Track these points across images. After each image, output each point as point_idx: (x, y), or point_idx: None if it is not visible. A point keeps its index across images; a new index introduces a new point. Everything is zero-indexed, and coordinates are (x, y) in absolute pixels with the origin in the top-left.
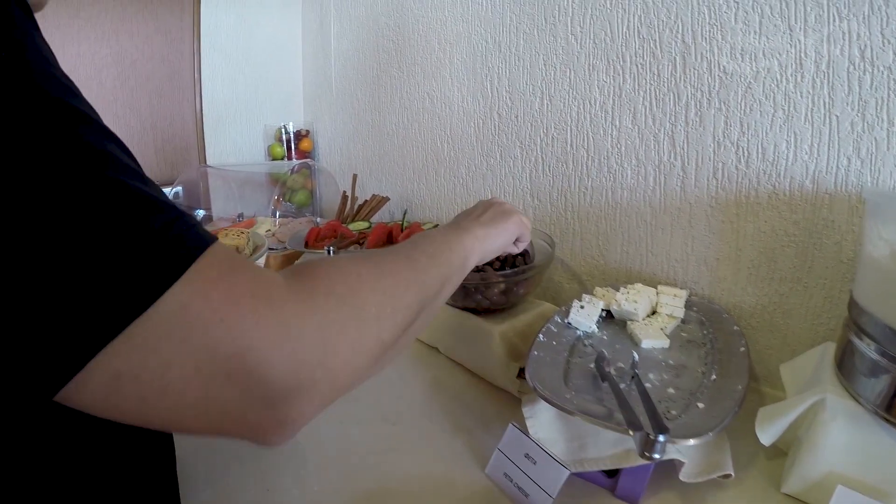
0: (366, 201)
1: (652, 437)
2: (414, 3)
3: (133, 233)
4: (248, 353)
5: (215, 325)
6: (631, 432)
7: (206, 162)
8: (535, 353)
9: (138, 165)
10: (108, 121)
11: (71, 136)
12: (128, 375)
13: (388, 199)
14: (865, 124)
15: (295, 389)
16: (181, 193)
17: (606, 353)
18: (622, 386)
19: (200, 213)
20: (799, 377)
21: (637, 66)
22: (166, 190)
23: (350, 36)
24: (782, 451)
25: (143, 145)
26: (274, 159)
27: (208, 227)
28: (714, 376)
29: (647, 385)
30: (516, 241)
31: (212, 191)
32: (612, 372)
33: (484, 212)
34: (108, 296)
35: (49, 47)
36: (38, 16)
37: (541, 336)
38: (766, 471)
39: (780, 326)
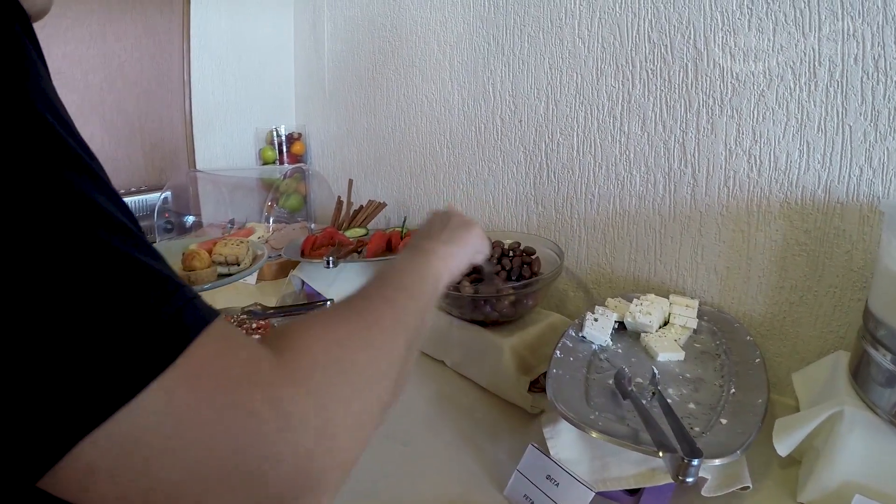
0: (361, 207)
1: (686, 461)
2: (412, 4)
3: (120, 310)
4: (247, 450)
5: (205, 420)
6: (661, 454)
7: (195, 166)
8: (555, 370)
9: (135, 221)
10: (95, 124)
11: (58, 183)
12: (104, 473)
13: (384, 204)
14: (878, 134)
15: (304, 485)
16: (170, 199)
17: (625, 369)
18: (644, 402)
19: (190, 219)
20: (811, 386)
21: (647, 71)
22: (155, 195)
23: (344, 36)
24: (796, 460)
25: (131, 149)
26: (265, 163)
27: (197, 234)
28: (733, 390)
29: (668, 401)
30: None
31: (201, 196)
32: (633, 389)
33: (443, 228)
34: (86, 385)
35: (50, 80)
36: None
37: (557, 352)
38: (782, 480)
39: (790, 334)
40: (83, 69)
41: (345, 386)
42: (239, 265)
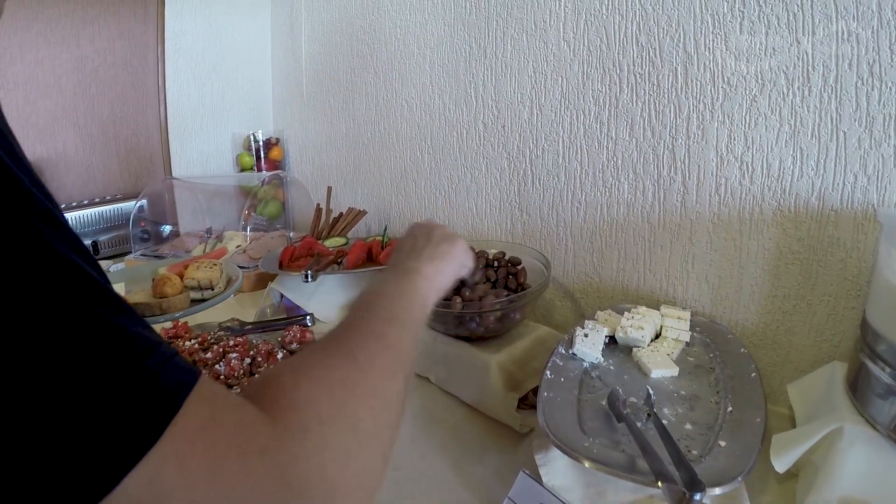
0: (341, 214)
1: (687, 495)
2: (391, 5)
3: (89, 385)
4: None
5: (200, 501)
6: (660, 484)
7: (171, 173)
8: (546, 393)
9: (96, 266)
10: (69, 130)
11: (25, 236)
12: None
13: (365, 212)
14: (873, 140)
15: None
16: (146, 207)
17: (620, 391)
18: (638, 425)
19: (167, 228)
20: (808, 398)
21: (635, 75)
22: (130, 204)
23: (322, 39)
24: (793, 474)
25: (106, 156)
26: (243, 169)
27: (174, 243)
28: (730, 408)
29: (664, 422)
30: None
31: (178, 204)
32: (628, 412)
33: (427, 243)
34: (61, 478)
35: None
36: None
37: (548, 373)
38: (779, 494)
39: (783, 344)
40: (56, 74)
41: (346, 442)
42: (213, 289)
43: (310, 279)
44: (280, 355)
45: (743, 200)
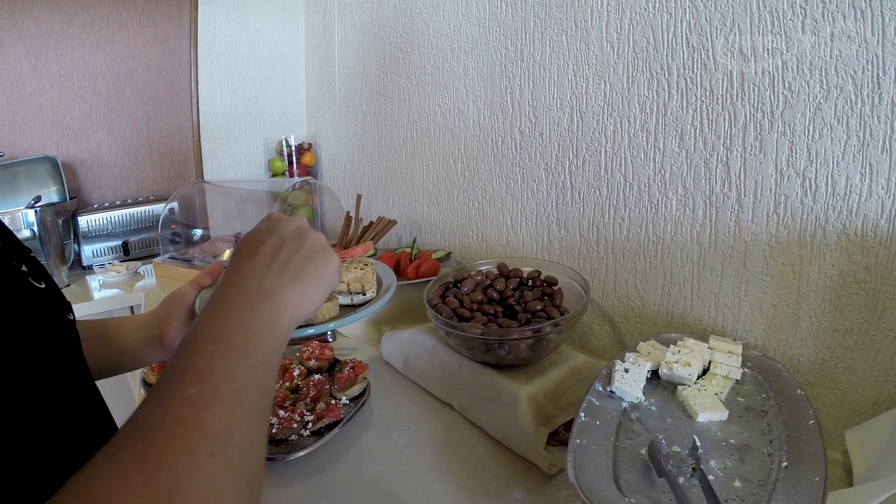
0: (371, 223)
1: None
2: (424, 7)
3: None
4: None
5: None
6: None
7: (203, 176)
8: (578, 440)
9: None
10: (103, 132)
11: None
12: None
13: (395, 222)
14: None
15: None
16: (177, 210)
17: (662, 440)
18: (681, 480)
19: (198, 231)
20: (869, 447)
21: (685, 79)
22: (161, 206)
23: (355, 43)
24: None
25: (139, 158)
26: (274, 174)
27: (204, 247)
28: (785, 462)
29: (711, 477)
30: None
31: (209, 208)
32: (671, 466)
33: (294, 253)
34: None
35: None
36: (30, 22)
37: (582, 415)
38: None
39: (842, 383)
40: (91, 76)
41: None
42: (364, 294)
43: None
44: (297, 372)
45: (804, 221)
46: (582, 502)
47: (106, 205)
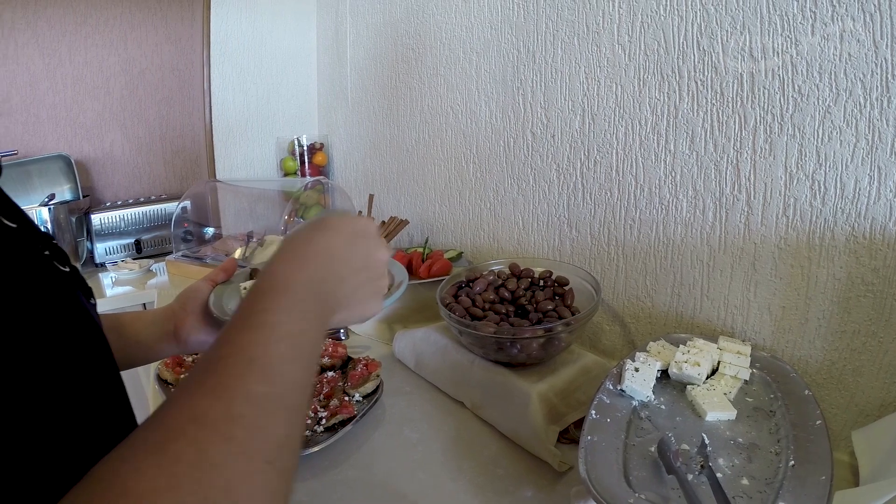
0: (383, 223)
1: None
2: (436, 9)
3: None
4: None
5: None
6: None
7: (215, 175)
8: (589, 437)
9: None
10: (116, 131)
11: None
12: None
13: (407, 221)
14: None
15: None
16: (189, 208)
17: (671, 438)
18: (690, 477)
19: (209, 230)
20: (875, 448)
21: (696, 82)
22: (173, 205)
23: (367, 44)
24: None
25: (152, 157)
26: (286, 173)
27: (216, 245)
28: (792, 461)
29: (719, 475)
30: None
31: (221, 206)
32: (680, 463)
33: (357, 274)
34: None
35: None
36: (43, 22)
37: (593, 412)
38: None
39: (849, 384)
40: (104, 76)
41: None
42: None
43: None
44: None
45: (813, 224)
46: (593, 498)
47: (119, 203)
